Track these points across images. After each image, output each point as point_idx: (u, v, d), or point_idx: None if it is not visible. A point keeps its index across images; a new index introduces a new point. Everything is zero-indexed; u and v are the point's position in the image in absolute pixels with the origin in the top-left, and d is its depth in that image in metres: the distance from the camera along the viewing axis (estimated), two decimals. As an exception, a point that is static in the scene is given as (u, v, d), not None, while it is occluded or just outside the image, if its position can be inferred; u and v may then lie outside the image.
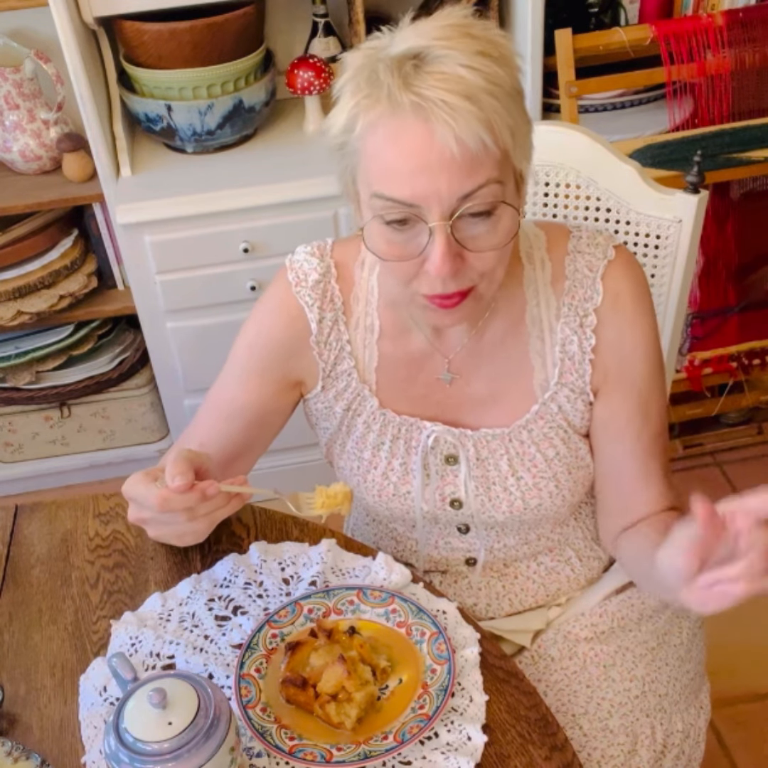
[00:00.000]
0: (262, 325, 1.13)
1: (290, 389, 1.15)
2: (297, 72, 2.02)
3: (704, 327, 2.15)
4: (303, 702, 0.96)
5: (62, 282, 2.18)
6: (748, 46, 1.91)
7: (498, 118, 0.87)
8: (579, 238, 1.07)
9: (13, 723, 1.00)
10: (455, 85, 0.86)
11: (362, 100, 0.89)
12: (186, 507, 0.94)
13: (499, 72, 0.88)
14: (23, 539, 1.21)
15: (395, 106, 0.87)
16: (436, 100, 0.85)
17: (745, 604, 0.87)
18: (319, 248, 1.11)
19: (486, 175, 0.88)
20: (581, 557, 1.23)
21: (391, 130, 0.88)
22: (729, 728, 1.80)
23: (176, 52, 1.91)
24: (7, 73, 2.04)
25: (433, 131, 0.86)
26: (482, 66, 0.87)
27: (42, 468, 2.44)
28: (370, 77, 0.89)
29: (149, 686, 0.81)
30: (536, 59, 1.96)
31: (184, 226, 1.94)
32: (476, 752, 0.92)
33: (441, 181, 0.87)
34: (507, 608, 1.23)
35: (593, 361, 1.08)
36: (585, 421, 1.11)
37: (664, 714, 1.16)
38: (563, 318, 1.07)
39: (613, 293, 1.06)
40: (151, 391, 2.38)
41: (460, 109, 0.85)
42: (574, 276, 1.06)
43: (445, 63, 0.87)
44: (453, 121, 0.85)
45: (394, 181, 0.89)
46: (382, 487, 1.15)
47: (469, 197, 0.89)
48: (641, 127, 2.04)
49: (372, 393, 1.13)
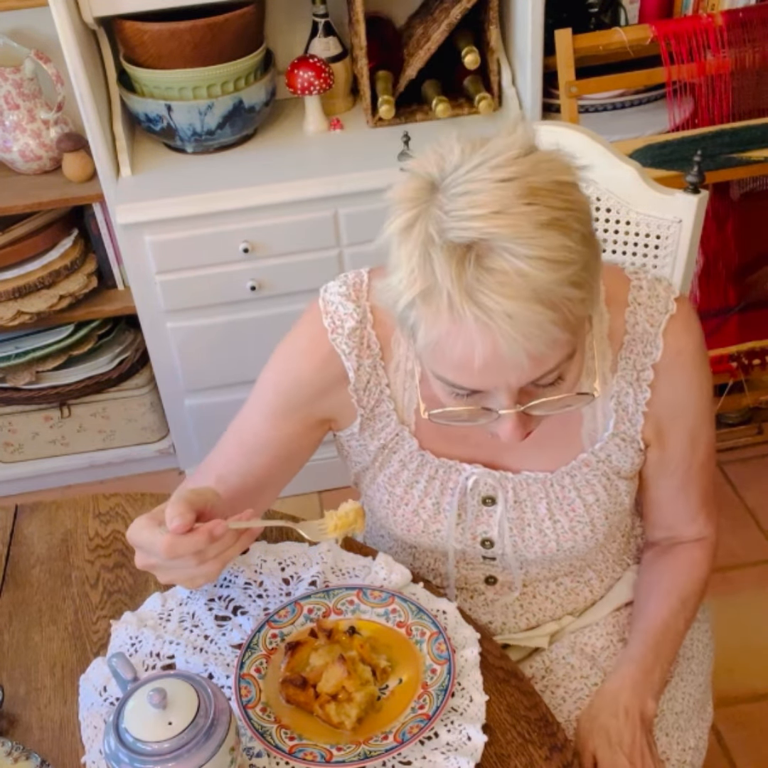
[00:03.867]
0: (292, 364, 1.07)
1: (317, 427, 1.11)
2: (297, 72, 2.02)
3: (704, 327, 2.14)
4: (303, 702, 0.96)
5: (62, 282, 2.18)
6: (748, 46, 1.91)
7: (571, 306, 0.80)
8: (639, 288, 1.03)
9: (13, 723, 1.00)
10: (518, 289, 0.77)
11: (418, 299, 0.81)
12: (195, 551, 0.90)
13: (568, 245, 0.79)
14: (23, 539, 1.21)
15: (457, 318, 0.80)
16: (500, 313, 0.78)
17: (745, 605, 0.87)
18: (354, 289, 1.04)
19: (557, 358, 0.84)
20: (602, 578, 1.22)
21: (455, 340, 0.81)
22: (729, 728, 1.80)
23: (176, 52, 1.91)
24: (7, 73, 2.04)
25: (502, 346, 0.80)
26: (547, 247, 0.78)
27: (42, 468, 2.44)
28: (425, 267, 0.80)
29: (149, 686, 0.81)
30: (536, 59, 1.96)
31: (184, 226, 1.94)
32: (476, 752, 0.92)
33: (510, 377, 0.84)
34: (523, 626, 1.21)
35: (646, 413, 1.06)
36: (635, 466, 1.10)
37: (681, 732, 1.14)
38: (620, 371, 1.04)
39: (675, 350, 1.03)
40: (151, 391, 2.38)
41: (529, 320, 0.78)
42: (634, 330, 1.02)
43: (507, 256, 0.77)
44: (522, 337, 0.79)
45: (456, 372, 0.85)
46: (412, 523, 1.12)
47: (539, 379, 0.86)
48: (641, 127, 2.04)
49: (411, 434, 1.09)
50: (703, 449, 1.12)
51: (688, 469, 1.12)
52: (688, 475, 1.13)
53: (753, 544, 2.16)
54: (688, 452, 1.11)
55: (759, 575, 2.08)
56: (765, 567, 2.11)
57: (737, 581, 2.06)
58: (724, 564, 2.09)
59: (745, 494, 2.27)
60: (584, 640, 1.19)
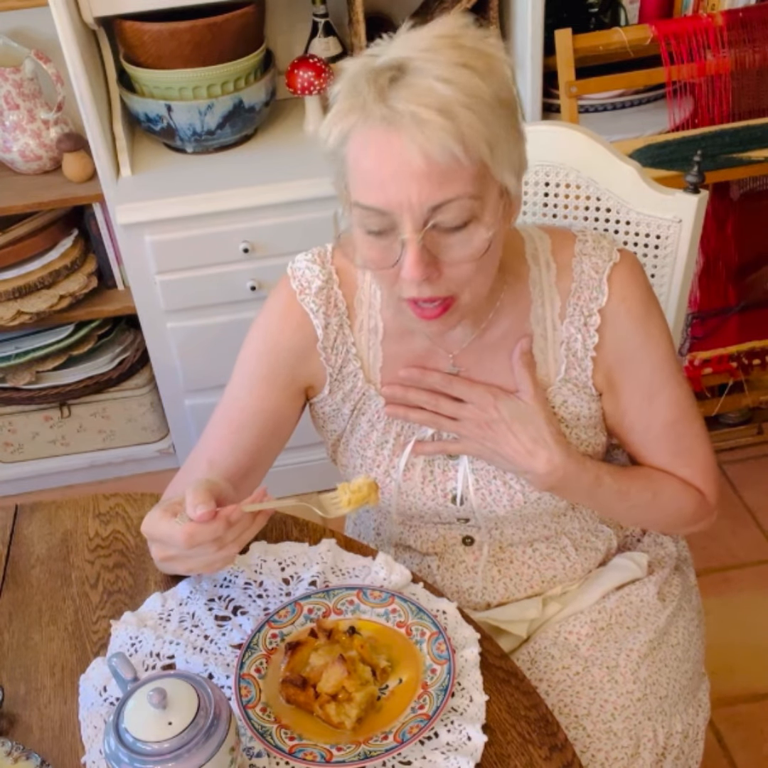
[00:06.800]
0: (268, 332, 1.13)
1: (298, 395, 1.16)
2: (297, 72, 2.02)
3: (704, 327, 2.15)
4: (303, 702, 0.96)
5: (62, 282, 2.18)
6: (748, 46, 1.91)
7: (472, 132, 0.88)
8: (585, 241, 1.10)
9: (13, 723, 1.00)
10: (427, 98, 0.87)
11: (340, 110, 0.91)
12: (213, 538, 0.93)
13: (480, 84, 0.88)
14: (23, 539, 1.21)
15: (366, 117, 0.89)
16: (404, 112, 0.87)
17: (744, 605, 0.88)
18: (319, 255, 1.12)
19: (458, 189, 0.89)
20: (577, 547, 1.24)
21: (364, 140, 0.90)
22: (729, 728, 1.80)
23: (176, 52, 1.91)
24: (7, 73, 2.04)
25: (402, 143, 0.87)
26: (460, 78, 0.88)
27: (42, 468, 2.44)
28: (352, 88, 0.90)
29: (149, 686, 0.81)
30: (536, 59, 1.96)
31: (184, 226, 1.94)
32: (476, 752, 0.92)
33: (411, 191, 0.89)
34: (503, 592, 1.24)
35: (595, 358, 1.10)
36: (593, 411, 1.14)
37: (665, 716, 1.16)
38: (568, 318, 1.10)
39: (620, 296, 1.08)
40: (151, 391, 2.38)
41: (429, 123, 0.86)
42: (580, 278, 1.09)
43: (422, 76, 0.88)
44: (420, 133, 0.86)
45: (368, 189, 0.92)
46: (385, 484, 1.16)
47: (439, 209, 0.90)
48: (641, 127, 2.04)
49: (377, 392, 1.14)
50: (665, 407, 1.13)
51: (648, 426, 1.14)
52: (652, 433, 1.15)
53: (753, 544, 2.16)
54: (645, 407, 1.13)
55: (759, 575, 2.08)
56: (765, 567, 2.11)
57: (737, 581, 2.06)
58: (724, 564, 2.09)
59: (745, 494, 2.27)
60: (569, 629, 1.20)
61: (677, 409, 1.14)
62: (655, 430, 1.15)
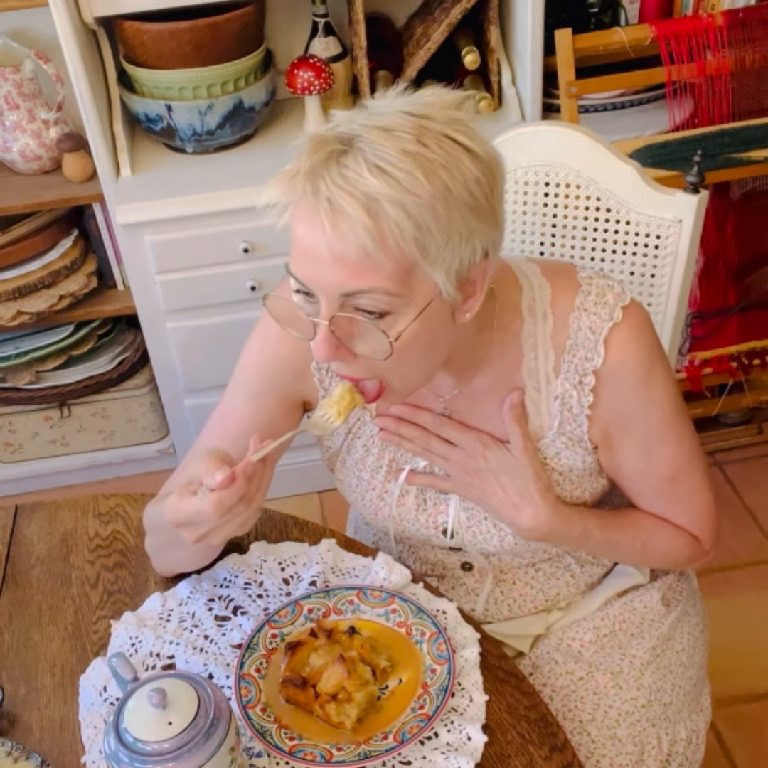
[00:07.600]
0: (267, 344, 1.11)
1: (295, 409, 1.14)
2: (297, 72, 2.02)
3: (704, 327, 2.15)
4: (303, 702, 0.96)
5: (62, 282, 2.18)
6: (748, 46, 1.91)
7: (396, 231, 0.82)
8: (587, 294, 1.03)
9: (13, 723, 1.00)
10: (352, 187, 0.81)
11: (285, 170, 0.87)
12: (240, 496, 0.91)
13: (420, 180, 0.81)
14: (23, 539, 1.21)
15: (299, 196, 0.85)
16: (322, 197, 0.82)
17: (745, 605, 0.88)
18: None
19: (370, 282, 0.85)
20: (582, 563, 1.22)
21: (294, 208, 0.87)
22: (729, 728, 1.80)
23: (176, 52, 1.91)
24: (7, 73, 2.04)
25: (315, 228, 0.84)
26: (399, 170, 0.81)
27: (42, 468, 2.44)
28: (300, 151, 0.86)
29: (149, 686, 0.81)
30: (536, 59, 1.96)
31: (184, 226, 1.94)
32: (476, 752, 0.92)
33: (324, 275, 0.86)
34: (506, 613, 1.22)
35: (590, 416, 1.06)
36: (587, 464, 1.10)
37: (669, 723, 1.15)
38: (563, 374, 1.05)
39: (617, 359, 1.03)
40: (151, 391, 2.38)
41: (346, 214, 0.81)
42: (576, 335, 1.03)
43: (359, 159, 0.82)
44: (331, 225, 0.82)
45: (295, 257, 0.89)
46: (378, 507, 1.15)
47: (353, 296, 0.86)
48: (641, 127, 2.04)
49: (372, 419, 1.12)
50: (663, 463, 1.10)
51: (645, 479, 1.12)
52: (648, 484, 1.12)
53: (753, 544, 2.16)
54: (642, 462, 1.10)
55: (759, 575, 2.08)
56: (765, 567, 2.11)
57: (737, 581, 2.06)
58: (724, 564, 2.09)
59: (745, 494, 2.27)
60: (571, 635, 1.19)
61: (676, 464, 1.11)
62: (651, 482, 1.12)
